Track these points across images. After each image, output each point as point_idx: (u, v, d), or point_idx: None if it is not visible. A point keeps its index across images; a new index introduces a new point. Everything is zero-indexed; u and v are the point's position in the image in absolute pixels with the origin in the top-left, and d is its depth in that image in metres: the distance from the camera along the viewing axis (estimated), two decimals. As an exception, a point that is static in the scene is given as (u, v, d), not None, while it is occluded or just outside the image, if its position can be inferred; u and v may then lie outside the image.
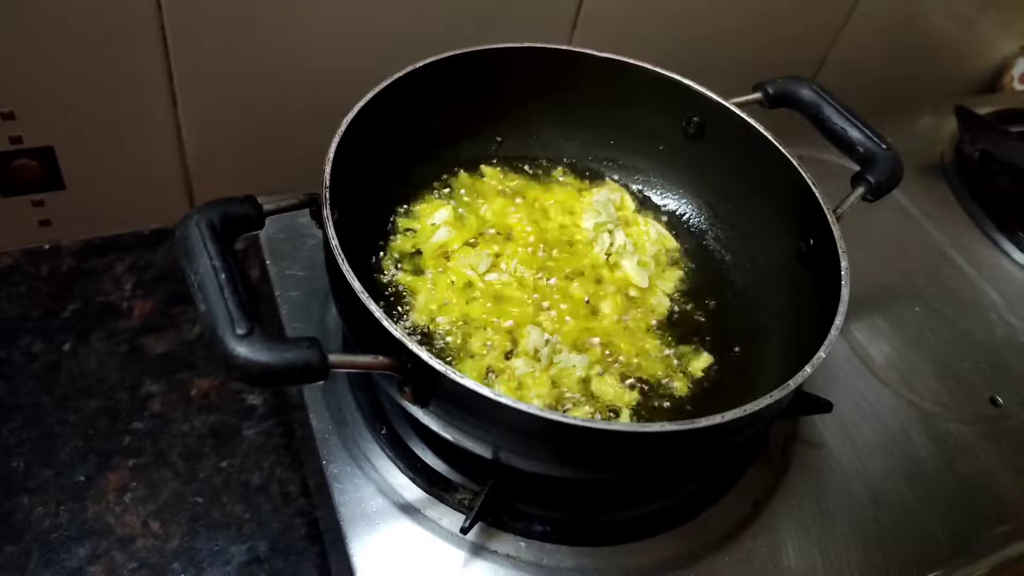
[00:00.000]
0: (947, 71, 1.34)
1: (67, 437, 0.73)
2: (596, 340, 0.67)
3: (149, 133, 0.82)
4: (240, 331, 0.44)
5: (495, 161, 0.79)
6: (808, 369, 0.53)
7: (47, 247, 0.86)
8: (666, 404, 0.65)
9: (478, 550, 0.60)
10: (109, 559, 0.66)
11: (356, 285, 0.50)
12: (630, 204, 0.79)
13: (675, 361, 0.68)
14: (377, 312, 0.49)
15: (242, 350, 0.43)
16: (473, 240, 0.71)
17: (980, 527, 0.70)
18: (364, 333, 0.51)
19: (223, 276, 0.46)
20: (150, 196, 0.87)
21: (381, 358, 0.49)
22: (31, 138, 0.77)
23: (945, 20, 1.23)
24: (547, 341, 0.64)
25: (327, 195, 0.55)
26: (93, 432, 0.73)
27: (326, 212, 0.54)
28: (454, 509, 0.61)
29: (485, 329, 0.65)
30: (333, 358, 0.46)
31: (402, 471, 0.62)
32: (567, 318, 0.67)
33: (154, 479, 0.71)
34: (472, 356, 0.63)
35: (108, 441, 0.73)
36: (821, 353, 0.54)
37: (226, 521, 0.70)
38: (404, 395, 0.51)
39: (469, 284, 0.68)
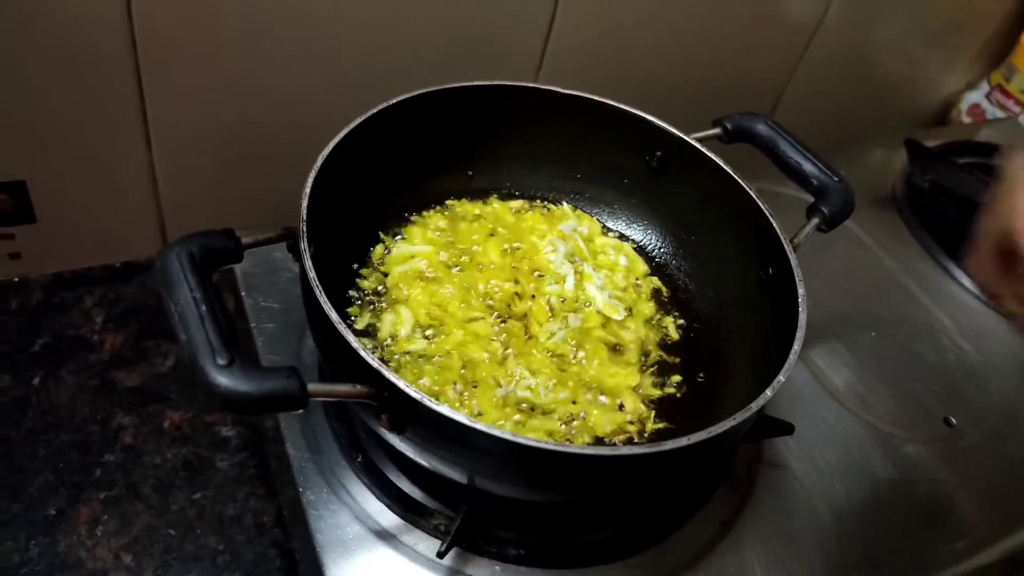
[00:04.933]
0: (898, 107, 1.39)
1: (36, 471, 0.72)
2: (572, 369, 0.69)
3: (122, 168, 0.82)
4: (221, 361, 0.45)
5: (468, 194, 0.81)
6: (769, 392, 0.55)
7: (16, 280, 0.85)
8: (632, 426, 0.67)
9: (454, 575, 0.61)
10: (80, 593, 0.66)
11: (334, 316, 0.51)
12: (599, 232, 0.81)
13: (648, 389, 0.70)
14: (355, 343, 0.50)
15: (223, 380, 0.44)
16: (444, 270, 0.73)
17: (938, 543, 0.73)
18: (342, 363, 0.52)
19: (203, 307, 0.47)
20: (121, 229, 0.87)
21: (359, 387, 0.50)
22: (2, 172, 0.77)
23: (895, 59, 1.28)
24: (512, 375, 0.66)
25: (304, 229, 0.56)
26: (63, 466, 0.73)
27: (303, 246, 0.55)
28: (430, 535, 0.62)
29: (453, 362, 0.66)
30: (312, 387, 0.47)
31: (378, 498, 0.63)
32: (533, 351, 0.69)
33: (126, 512, 0.71)
34: (441, 386, 0.65)
35: (79, 474, 0.72)
36: (781, 377, 0.56)
37: (199, 553, 0.70)
38: (381, 423, 0.52)
39: (439, 315, 0.69)
